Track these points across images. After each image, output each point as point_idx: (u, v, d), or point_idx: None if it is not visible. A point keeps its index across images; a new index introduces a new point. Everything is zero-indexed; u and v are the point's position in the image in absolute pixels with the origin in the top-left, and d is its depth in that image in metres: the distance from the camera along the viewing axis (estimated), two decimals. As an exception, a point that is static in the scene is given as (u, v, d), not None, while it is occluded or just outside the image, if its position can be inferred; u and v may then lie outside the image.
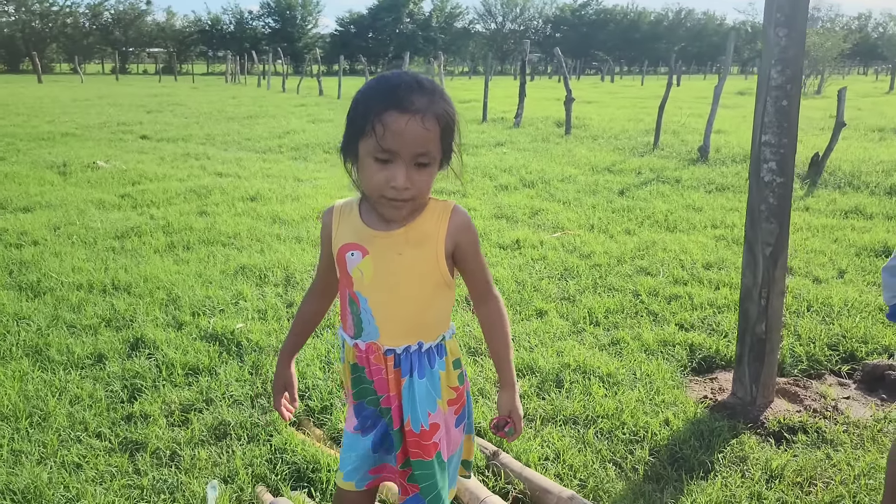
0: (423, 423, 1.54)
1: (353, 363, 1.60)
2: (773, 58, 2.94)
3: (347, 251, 1.53)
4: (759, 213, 3.08)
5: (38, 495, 2.38)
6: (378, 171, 1.39)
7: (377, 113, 1.37)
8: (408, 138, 1.36)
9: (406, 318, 1.52)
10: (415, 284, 1.51)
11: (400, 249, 1.49)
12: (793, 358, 3.61)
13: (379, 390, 1.58)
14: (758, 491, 2.47)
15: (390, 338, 1.52)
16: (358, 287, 1.52)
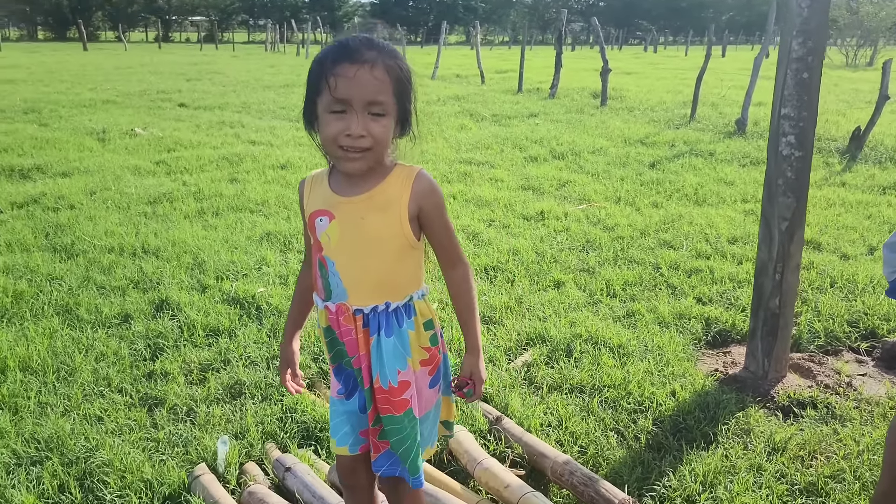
0: (391, 380, 1.58)
1: (325, 326, 1.64)
2: (795, 29, 2.87)
3: (317, 217, 1.57)
4: (777, 188, 3.04)
5: (59, 444, 2.50)
6: (334, 121, 1.44)
7: (329, 68, 1.43)
8: (359, 86, 1.41)
9: (371, 279, 1.56)
10: (378, 247, 1.54)
11: (363, 214, 1.53)
12: (810, 333, 3.57)
13: (350, 351, 1.62)
14: (758, 462, 2.47)
15: (358, 298, 1.56)
16: (327, 251, 1.56)
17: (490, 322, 3.66)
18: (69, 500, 2.24)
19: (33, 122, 10.26)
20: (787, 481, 2.39)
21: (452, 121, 10.82)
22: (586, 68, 22.06)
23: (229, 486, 2.35)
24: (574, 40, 57.50)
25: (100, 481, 2.31)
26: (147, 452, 2.49)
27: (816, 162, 7.84)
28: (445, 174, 7.12)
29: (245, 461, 2.49)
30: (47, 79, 17.27)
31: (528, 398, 2.88)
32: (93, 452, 2.46)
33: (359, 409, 1.68)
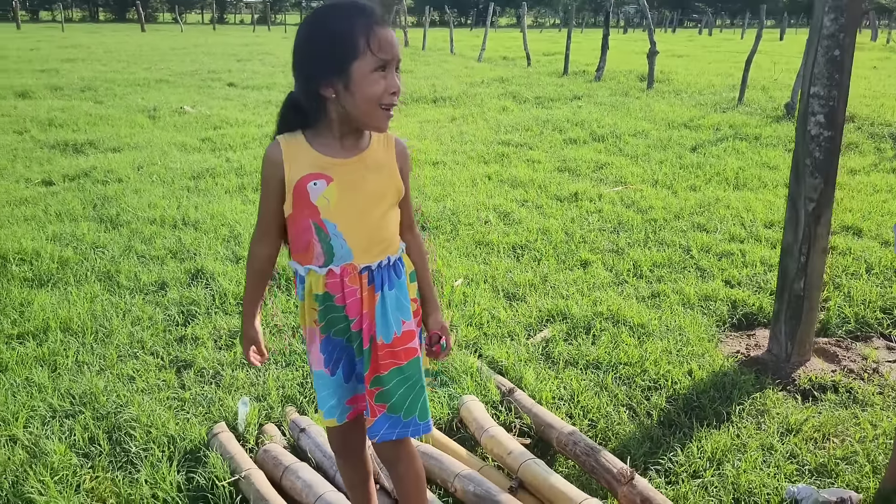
0: (395, 332, 1.62)
1: (320, 293, 1.62)
2: (827, 4, 2.82)
3: (309, 181, 1.55)
4: (805, 168, 3.00)
5: (92, 400, 2.65)
6: (380, 80, 1.48)
7: (368, 31, 1.46)
8: (395, 46, 1.50)
9: (374, 235, 1.60)
10: (377, 205, 1.60)
11: (362, 174, 1.58)
12: (840, 318, 3.52)
13: (350, 313, 1.63)
14: (769, 442, 2.47)
15: (364, 256, 1.60)
16: (325, 215, 1.57)
17: (513, 298, 3.70)
18: (97, 451, 2.37)
19: (89, 99, 10.62)
20: (798, 461, 2.39)
21: (494, 102, 10.80)
22: (636, 51, 21.64)
23: (247, 445, 2.45)
24: (627, 23, 56.39)
25: (127, 435, 2.44)
26: (173, 410, 2.61)
27: (868, 147, 7.62)
28: (483, 154, 7.14)
29: (265, 422, 2.59)
30: (105, 58, 17.78)
31: (542, 372, 2.91)
32: (122, 408, 2.60)
33: (343, 380, 1.70)
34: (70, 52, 19.48)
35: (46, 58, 17.44)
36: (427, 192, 5.62)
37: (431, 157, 6.95)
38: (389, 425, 1.67)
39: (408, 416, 1.68)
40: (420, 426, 1.70)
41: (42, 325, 3.24)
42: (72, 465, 2.28)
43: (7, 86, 11.51)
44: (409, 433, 1.69)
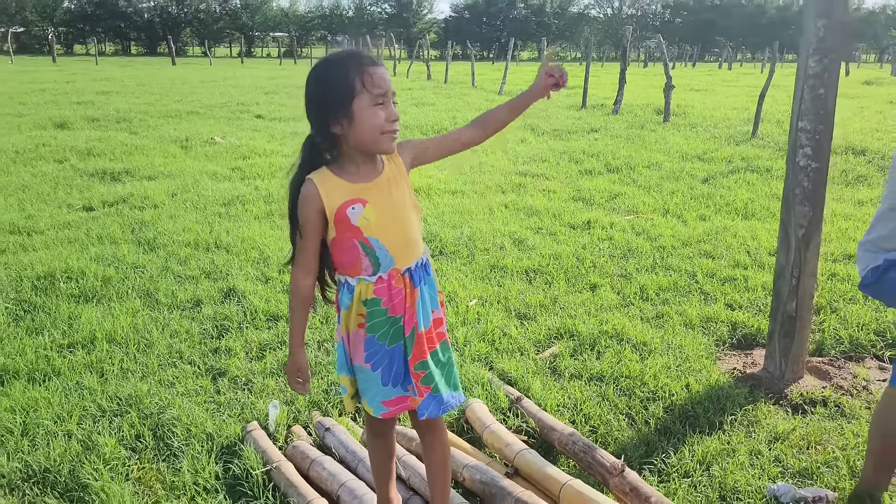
0: (430, 321, 1.91)
1: (367, 299, 1.85)
2: (811, 47, 3.07)
3: (348, 207, 1.78)
4: (794, 196, 3.22)
5: (137, 401, 2.92)
6: (380, 111, 1.75)
7: (360, 73, 1.73)
8: (387, 81, 1.77)
9: (408, 240, 1.86)
10: (405, 212, 1.86)
11: (388, 191, 1.84)
12: (834, 339, 3.70)
13: (397, 311, 1.87)
14: (757, 448, 2.67)
15: (403, 260, 1.86)
16: (368, 233, 1.82)
17: (524, 318, 3.93)
18: (143, 446, 2.63)
19: (124, 130, 11.10)
20: (783, 465, 2.58)
21: (513, 134, 11.11)
22: (654, 85, 21.95)
23: (277, 443, 2.70)
24: (648, 57, 56.91)
25: (169, 432, 2.70)
26: (209, 412, 2.87)
27: (877, 179, 7.79)
28: (500, 184, 7.42)
29: (292, 424, 2.84)
30: (138, 91, 18.45)
31: (548, 383, 3.14)
32: (164, 409, 2.86)
33: (381, 381, 1.91)
34: (104, 85, 20.21)
35: (82, 90, 18.14)
36: (446, 220, 5.89)
37: (451, 186, 7.24)
38: (434, 404, 1.91)
39: (446, 392, 1.93)
40: (455, 398, 1.96)
41: (89, 336, 3.53)
42: (121, 456, 2.54)
43: (46, 117, 12.05)
44: (449, 407, 1.94)
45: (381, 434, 2.10)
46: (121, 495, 2.28)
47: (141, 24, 68.80)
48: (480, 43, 74.27)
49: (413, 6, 77.36)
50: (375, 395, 1.94)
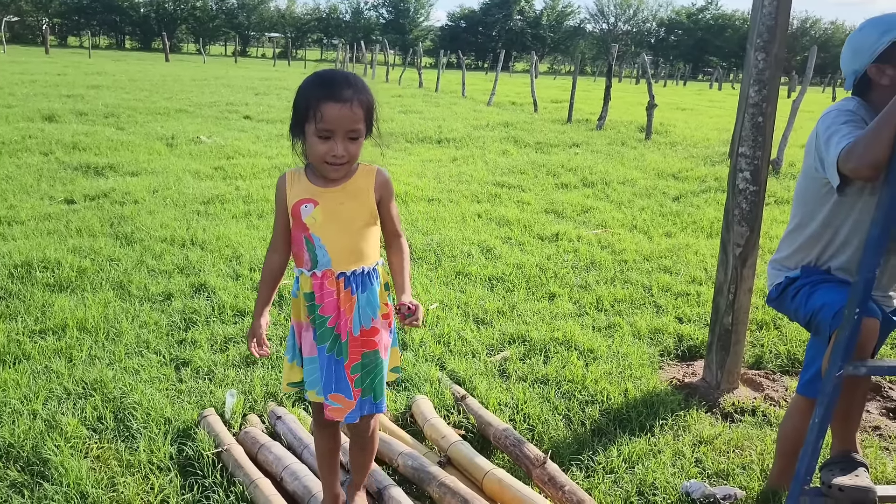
0: (364, 325, 2.04)
1: (307, 292, 2.02)
2: (752, 78, 3.28)
3: (302, 204, 1.98)
4: (733, 217, 3.42)
5: (102, 386, 3.07)
6: (321, 144, 1.89)
7: (317, 104, 1.85)
8: (342, 121, 1.87)
9: (349, 248, 2.01)
10: (352, 224, 2.01)
11: (341, 200, 2.00)
12: (773, 354, 3.91)
13: (325, 312, 2.04)
14: (681, 450, 2.86)
15: (340, 264, 2.01)
16: (312, 230, 2.00)
17: (482, 323, 4.12)
18: (104, 427, 2.79)
19: (111, 125, 11.23)
20: (702, 466, 2.77)
21: (496, 146, 11.33)
22: (642, 102, 22.26)
23: (232, 430, 2.86)
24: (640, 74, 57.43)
25: (129, 415, 2.86)
26: (170, 399, 3.03)
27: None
28: (476, 194, 7.61)
29: (248, 413, 3.00)
30: (129, 86, 18.56)
31: (494, 384, 3.32)
32: (127, 394, 3.02)
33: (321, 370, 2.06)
34: (96, 79, 20.30)
35: (73, 83, 18.23)
36: (418, 226, 6.08)
37: (427, 193, 7.43)
38: (363, 405, 2.09)
39: (377, 398, 2.10)
40: (377, 406, 2.11)
41: (61, 324, 3.68)
42: (82, 436, 2.70)
43: (35, 109, 12.16)
44: (375, 410, 2.11)
45: (327, 426, 2.20)
46: (78, 470, 2.44)
47: (136, 18, 68.85)
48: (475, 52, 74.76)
49: (410, 13, 77.76)
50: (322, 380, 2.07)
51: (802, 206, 2.28)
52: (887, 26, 2.08)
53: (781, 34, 3.23)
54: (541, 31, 78.09)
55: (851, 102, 2.15)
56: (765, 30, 3.21)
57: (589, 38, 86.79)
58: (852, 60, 2.19)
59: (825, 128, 2.07)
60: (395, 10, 77.43)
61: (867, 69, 2.14)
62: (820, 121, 2.13)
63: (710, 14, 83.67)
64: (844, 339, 1.89)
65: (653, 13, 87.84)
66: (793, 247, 2.32)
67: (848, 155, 1.88)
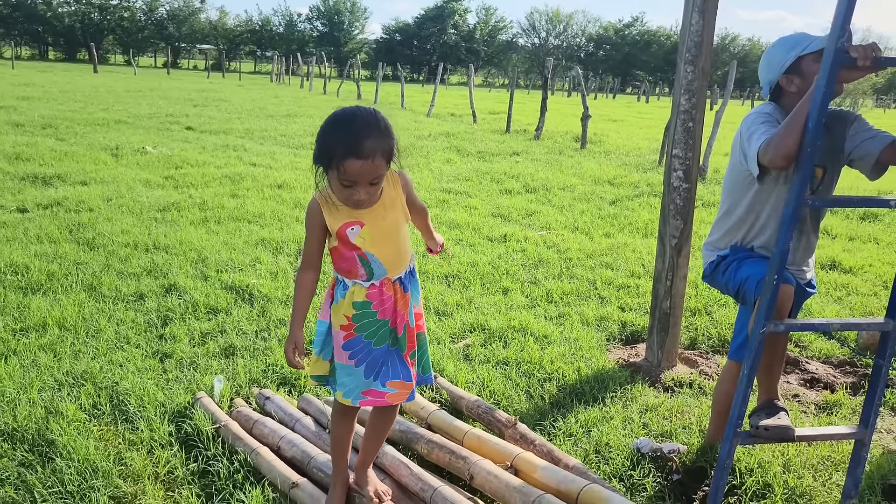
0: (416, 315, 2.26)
1: (359, 301, 2.14)
2: (682, 88, 3.70)
3: (348, 227, 2.09)
4: (669, 212, 3.83)
5: (91, 377, 3.24)
6: (343, 190, 2.02)
7: (340, 158, 1.94)
8: (364, 174, 1.97)
9: (399, 255, 2.20)
10: (397, 232, 2.19)
11: (383, 214, 2.14)
12: (705, 336, 4.34)
13: (383, 315, 2.16)
14: (630, 416, 3.22)
15: (394, 271, 2.20)
16: (364, 248, 2.11)
17: (442, 315, 4.42)
18: (101, 412, 2.97)
19: (51, 136, 11.09)
20: (649, 429, 3.13)
21: (440, 155, 11.68)
22: (575, 113, 23.07)
23: (224, 411, 3.08)
24: (572, 87, 59.05)
25: (124, 401, 3.04)
26: (160, 386, 3.22)
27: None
28: (425, 200, 7.91)
29: (234, 397, 3.22)
30: (61, 98, 18.17)
31: (461, 366, 3.63)
32: (118, 383, 3.19)
33: (363, 375, 2.18)
34: (25, 91, 19.78)
35: (1, 94, 17.75)
36: (373, 230, 6.33)
37: (378, 200, 7.68)
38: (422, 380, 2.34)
39: (426, 371, 2.34)
40: (427, 377, 2.36)
41: (40, 322, 3.81)
42: (82, 419, 2.87)
43: (-32, 120, 11.87)
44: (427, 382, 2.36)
45: (348, 414, 2.37)
46: (85, 448, 2.62)
47: (60, 29, 66.70)
48: (411, 65, 75.36)
49: (344, 26, 77.83)
50: (356, 388, 2.20)
51: (730, 194, 2.67)
52: (793, 43, 2.50)
53: (707, 49, 3.66)
54: (475, 44, 79.36)
55: (768, 107, 2.56)
56: (693, 45, 3.64)
57: (521, 52, 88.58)
58: (767, 72, 2.61)
59: (747, 128, 2.47)
60: (330, 22, 77.38)
61: (779, 79, 2.55)
62: (743, 122, 2.53)
63: (636, 30, 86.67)
64: (766, 301, 2.27)
65: (582, 29, 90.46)
66: (722, 230, 2.71)
67: (766, 148, 2.27)
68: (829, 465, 2.86)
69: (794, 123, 2.17)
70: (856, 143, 2.52)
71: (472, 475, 2.36)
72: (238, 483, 2.52)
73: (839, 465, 2.85)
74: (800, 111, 2.17)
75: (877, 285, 5.54)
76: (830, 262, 6.14)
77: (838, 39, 2.06)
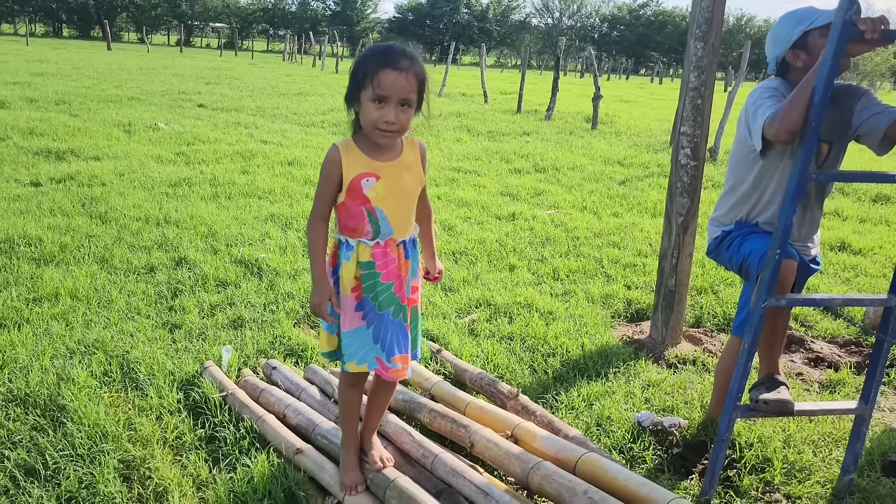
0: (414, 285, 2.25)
1: (364, 260, 2.11)
2: (692, 65, 3.69)
3: (363, 178, 2.05)
4: (676, 189, 3.83)
5: (102, 346, 3.30)
6: (375, 110, 1.97)
7: (374, 70, 1.94)
8: (397, 88, 1.95)
9: (407, 218, 2.19)
10: (411, 195, 2.19)
11: (400, 173, 2.10)
12: (710, 315, 4.35)
13: (389, 278, 2.12)
14: (633, 391, 3.25)
15: (400, 233, 2.14)
16: (375, 202, 2.08)
17: (449, 290, 4.45)
18: (111, 380, 3.02)
19: (64, 112, 11.15)
20: (650, 403, 3.16)
21: (450, 134, 11.67)
22: (587, 94, 22.91)
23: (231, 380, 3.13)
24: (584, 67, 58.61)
25: (134, 369, 3.10)
26: (169, 356, 3.28)
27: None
28: (435, 179, 7.93)
29: (242, 367, 3.27)
30: (74, 74, 18.23)
31: (466, 340, 3.66)
32: (128, 352, 3.25)
33: (373, 339, 2.16)
34: (39, 67, 19.85)
35: (16, 71, 17.82)
36: (382, 207, 6.36)
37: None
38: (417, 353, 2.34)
39: (415, 346, 2.32)
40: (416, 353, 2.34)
41: (53, 293, 3.87)
42: (92, 386, 2.93)
43: (-18, 96, 11.95)
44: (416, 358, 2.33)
45: (357, 385, 2.36)
46: (96, 413, 2.68)
47: (74, 6, 66.68)
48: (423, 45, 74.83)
49: (357, 4, 77.39)
50: (370, 352, 2.18)
51: (735, 170, 2.68)
52: (799, 19, 2.49)
53: (717, 25, 3.64)
54: (487, 24, 78.72)
55: (774, 82, 2.55)
56: (703, 21, 3.62)
57: (534, 32, 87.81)
58: (773, 48, 2.60)
59: (752, 102, 2.46)
60: (343, 1, 76.96)
61: (785, 55, 2.54)
62: (749, 96, 2.53)
63: (650, 10, 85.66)
64: (768, 276, 2.29)
65: (596, 9, 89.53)
66: (727, 205, 2.71)
67: (771, 122, 2.27)
68: (829, 441, 2.88)
69: (799, 97, 2.17)
70: (864, 118, 2.51)
71: (473, 443, 2.40)
72: (244, 449, 2.57)
73: (840, 441, 2.87)
74: (805, 85, 2.16)
75: (886, 267, 5.52)
76: (840, 244, 6.11)
77: (846, 12, 2.05)
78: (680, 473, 2.65)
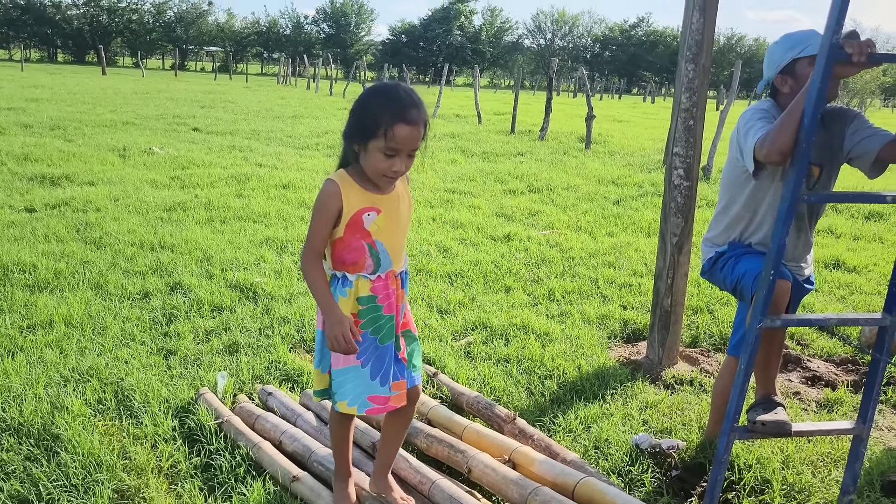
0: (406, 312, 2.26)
1: (364, 295, 2.10)
2: (683, 86, 3.72)
3: (364, 213, 2.05)
4: (670, 210, 3.85)
5: (97, 373, 3.28)
6: (384, 161, 1.98)
7: (389, 124, 1.92)
8: (410, 141, 1.97)
9: (403, 248, 2.20)
10: (406, 226, 2.21)
11: (397, 206, 2.12)
12: (707, 334, 4.35)
13: (388, 310, 2.13)
14: (630, 413, 3.24)
15: (399, 264, 2.15)
16: (376, 236, 2.07)
17: (445, 312, 4.44)
18: (105, 408, 3.00)
19: (59, 137, 11.17)
20: (648, 425, 3.15)
21: (444, 155, 11.71)
22: (580, 114, 23.04)
23: (227, 406, 3.11)
24: (577, 87, 59.07)
25: (128, 397, 3.08)
26: (164, 382, 3.26)
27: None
28: (429, 200, 7.96)
29: (237, 393, 3.25)
30: (69, 99, 18.29)
31: (462, 363, 3.65)
32: (123, 379, 3.23)
33: (370, 376, 2.12)
34: (33, 92, 19.91)
35: (11, 96, 17.87)
36: (377, 229, 6.37)
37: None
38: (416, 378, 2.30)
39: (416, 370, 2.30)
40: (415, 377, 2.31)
41: (47, 320, 3.85)
42: (87, 414, 2.91)
43: (-23, 121, 11.97)
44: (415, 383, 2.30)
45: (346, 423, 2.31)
46: (90, 442, 2.66)
47: (69, 31, 67.09)
48: (416, 67, 75.42)
49: (351, 27, 78.02)
50: (363, 393, 2.13)
51: (727, 189, 2.69)
52: (793, 43, 2.51)
53: (708, 47, 3.68)
54: (480, 46, 79.39)
55: (766, 103, 2.57)
56: (693, 44, 3.65)
57: (527, 53, 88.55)
58: (767, 70, 2.63)
59: (744, 123, 2.48)
60: (336, 24, 77.60)
61: (774, 79, 2.57)
62: (740, 118, 2.55)
63: (642, 31, 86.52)
64: (762, 297, 2.29)
65: (588, 29, 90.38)
66: (721, 226, 2.73)
67: (762, 143, 2.28)
68: (828, 461, 2.88)
69: (789, 119, 2.19)
70: (855, 141, 2.54)
71: (471, 468, 2.39)
72: (240, 477, 2.55)
73: (839, 461, 2.86)
74: (795, 107, 2.18)
75: (881, 284, 5.54)
76: (834, 261, 6.14)
77: (833, 34, 2.08)
78: (679, 496, 2.64)
